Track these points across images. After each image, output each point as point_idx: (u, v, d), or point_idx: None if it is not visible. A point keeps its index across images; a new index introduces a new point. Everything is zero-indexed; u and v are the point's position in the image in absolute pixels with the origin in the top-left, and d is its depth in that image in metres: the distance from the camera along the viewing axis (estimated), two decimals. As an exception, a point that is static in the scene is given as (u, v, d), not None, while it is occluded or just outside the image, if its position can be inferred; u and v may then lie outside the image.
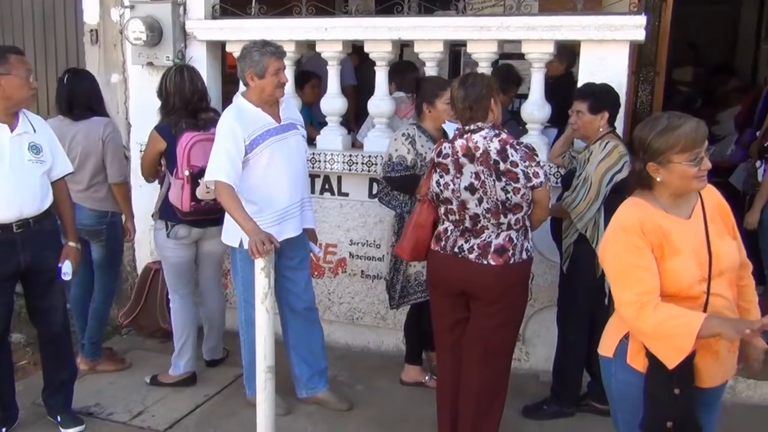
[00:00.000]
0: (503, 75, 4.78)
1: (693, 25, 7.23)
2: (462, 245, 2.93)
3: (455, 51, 5.74)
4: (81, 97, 3.76)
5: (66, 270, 3.25)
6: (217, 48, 4.51)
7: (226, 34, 4.30)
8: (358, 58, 5.23)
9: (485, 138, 2.84)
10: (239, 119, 3.17)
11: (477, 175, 2.83)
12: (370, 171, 4.06)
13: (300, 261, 3.49)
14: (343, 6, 4.21)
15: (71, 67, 4.32)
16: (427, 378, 3.84)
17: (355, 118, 5.26)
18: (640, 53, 5.77)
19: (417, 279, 3.54)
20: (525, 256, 2.95)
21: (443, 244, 2.99)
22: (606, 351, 2.24)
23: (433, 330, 3.24)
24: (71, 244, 3.31)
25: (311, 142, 4.25)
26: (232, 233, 3.28)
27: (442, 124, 3.50)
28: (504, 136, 2.86)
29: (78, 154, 3.70)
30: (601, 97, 3.32)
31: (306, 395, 3.63)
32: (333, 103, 4.21)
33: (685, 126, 2.03)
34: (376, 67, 4.11)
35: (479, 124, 2.87)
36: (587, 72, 3.64)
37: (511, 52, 4.29)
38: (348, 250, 4.27)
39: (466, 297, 3.00)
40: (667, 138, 2.03)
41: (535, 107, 3.83)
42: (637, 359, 2.12)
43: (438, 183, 2.96)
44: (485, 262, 2.88)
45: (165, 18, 4.27)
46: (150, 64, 4.40)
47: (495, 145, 2.82)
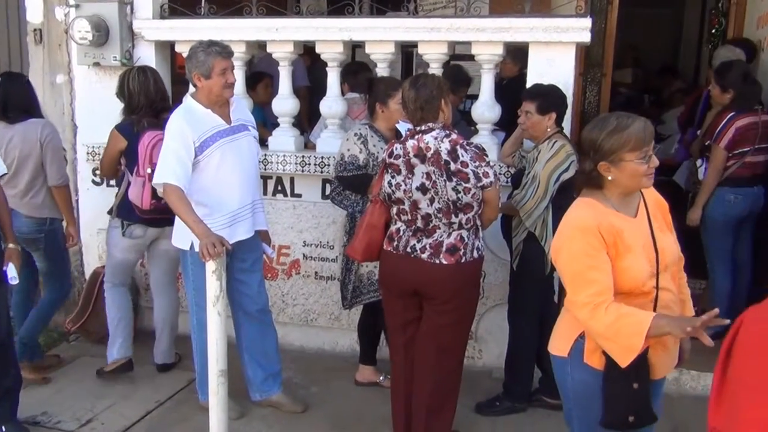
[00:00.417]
0: (452, 75, 4.83)
1: (638, 27, 7.41)
2: (414, 245, 2.95)
3: (408, 52, 5.77)
4: (16, 100, 3.70)
5: (12, 274, 3.17)
6: (166, 48, 4.44)
7: (174, 34, 4.24)
8: (309, 58, 5.22)
9: (436, 138, 2.86)
10: (188, 121, 3.13)
11: (428, 175, 2.86)
12: (323, 172, 4.06)
13: (252, 263, 3.46)
14: (295, 6, 4.19)
15: (5, 70, 4.24)
16: (381, 378, 3.85)
17: (308, 119, 5.25)
18: (588, 55, 5.89)
19: (369, 279, 3.55)
20: (476, 255, 2.98)
21: (396, 244, 3.01)
22: (559, 351, 2.26)
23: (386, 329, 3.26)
24: (11, 246, 3.23)
25: (263, 143, 4.22)
26: (182, 236, 3.24)
27: (396, 125, 3.52)
28: (454, 136, 2.89)
29: (15, 158, 3.62)
30: (549, 97, 3.39)
31: (260, 398, 3.60)
32: (285, 104, 4.19)
33: (635, 125, 2.08)
34: (327, 68, 4.11)
35: (430, 125, 2.90)
36: (535, 73, 3.71)
37: (462, 53, 4.34)
38: (301, 252, 4.26)
39: (419, 296, 3.03)
40: (618, 137, 2.08)
41: (485, 108, 3.88)
42: (594, 357, 2.15)
43: (390, 183, 2.97)
44: (437, 262, 2.91)
45: (111, 17, 4.19)
46: (96, 65, 4.32)
47: (446, 146, 2.84)
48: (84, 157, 4.44)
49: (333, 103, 4.09)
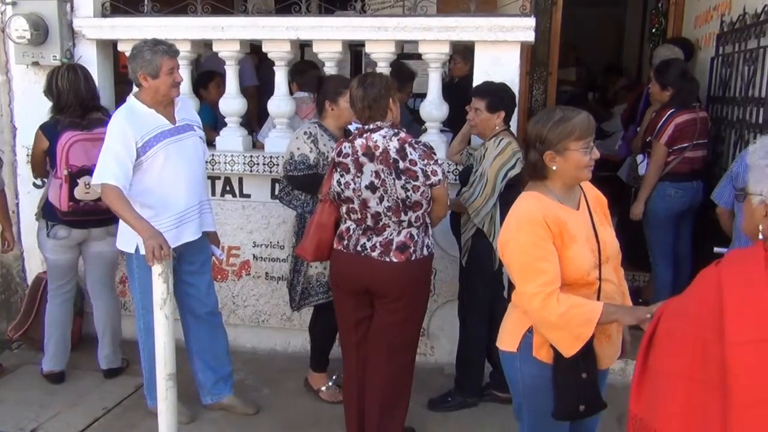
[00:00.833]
0: (395, 72, 4.85)
1: (582, 27, 7.57)
2: (364, 243, 2.95)
3: (357, 51, 5.77)
4: None
5: None
6: (109, 47, 4.34)
7: (116, 32, 4.14)
8: (257, 57, 5.17)
9: (384, 137, 2.87)
10: (130, 121, 3.07)
11: (377, 173, 2.87)
12: (271, 172, 4.03)
13: (201, 265, 3.42)
14: (241, 5, 4.13)
15: None
16: (323, 388, 3.76)
17: (257, 119, 5.20)
18: (534, 54, 6.01)
19: (318, 280, 3.53)
20: (426, 253, 3.01)
21: (346, 243, 3.01)
22: (508, 346, 2.28)
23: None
24: None
25: (210, 143, 4.17)
26: (126, 238, 3.17)
27: (349, 125, 3.51)
28: (403, 135, 2.91)
29: None
30: (499, 96, 3.44)
31: (211, 401, 3.56)
32: (232, 103, 4.15)
33: (579, 116, 2.17)
34: (275, 67, 4.08)
35: (378, 124, 2.91)
36: (482, 72, 3.75)
37: (410, 53, 4.36)
38: (251, 252, 4.22)
39: (370, 295, 3.03)
40: (564, 127, 2.15)
41: (433, 106, 3.91)
42: (542, 351, 2.18)
43: (339, 182, 2.97)
44: (387, 260, 2.92)
45: (51, 15, 4.07)
46: (36, 64, 4.19)
47: (394, 144, 2.86)
48: (24, 159, 4.31)
49: (281, 102, 4.06)
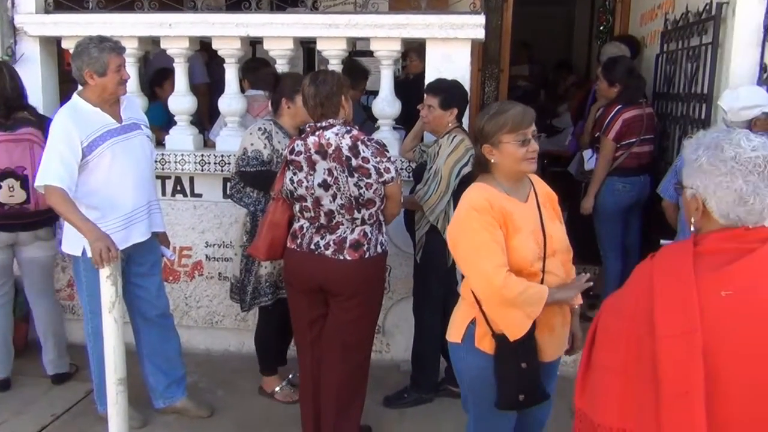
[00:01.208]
0: (349, 70, 4.84)
1: (532, 24, 7.67)
2: (318, 242, 2.94)
3: (310, 48, 5.73)
4: None
5: None
6: (52, 44, 4.22)
7: (60, 29, 4.02)
8: (207, 54, 5.09)
9: (337, 135, 2.86)
10: (75, 120, 2.99)
11: (330, 171, 2.85)
12: (223, 171, 3.97)
13: (151, 266, 3.35)
14: (190, 1, 4.06)
15: None
16: (277, 389, 3.74)
17: (209, 117, 5.12)
18: (485, 51, 6.06)
19: (268, 280, 3.49)
20: (380, 250, 3.01)
21: (299, 241, 2.99)
22: (454, 337, 2.34)
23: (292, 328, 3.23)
24: None
25: (160, 142, 4.10)
26: (72, 241, 3.08)
27: (306, 126, 3.47)
28: (355, 132, 2.90)
29: None
30: (451, 93, 3.45)
31: (164, 405, 3.49)
32: (182, 101, 4.08)
33: (513, 110, 2.23)
34: (225, 65, 4.02)
35: (331, 121, 2.89)
36: (433, 69, 3.77)
37: (363, 50, 4.36)
38: (204, 253, 4.16)
39: (324, 293, 3.02)
40: (497, 120, 2.21)
41: (385, 103, 3.91)
42: (484, 342, 2.23)
43: (291, 180, 2.95)
44: (341, 258, 2.91)
45: (-10, 11, 3.94)
46: (-26, 62, 4.04)
47: (347, 142, 2.85)
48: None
49: (232, 100, 4.01)
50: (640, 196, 4.28)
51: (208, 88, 5.30)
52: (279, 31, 3.83)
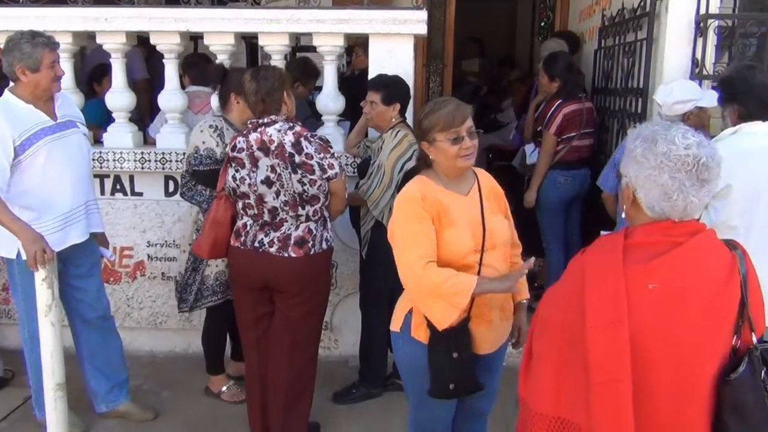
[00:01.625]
0: (301, 67, 4.81)
1: (476, 20, 7.75)
2: (262, 239, 2.92)
3: (253, 43, 5.67)
4: None
5: None
6: (-19, 39, 4.05)
7: (-10, 23, 3.87)
8: (146, 49, 4.98)
9: (279, 131, 2.84)
10: (7, 118, 2.88)
11: (273, 168, 2.83)
12: (164, 169, 3.90)
13: (89, 268, 3.26)
14: (129, -6, 3.96)
15: None
16: (224, 389, 3.70)
17: (151, 114, 5.01)
18: (430, 47, 6.11)
19: (218, 279, 3.43)
20: (325, 246, 3.00)
21: (243, 239, 2.95)
22: (394, 326, 2.39)
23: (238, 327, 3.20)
24: None
25: (98, 140, 4.00)
26: (5, 243, 2.96)
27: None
28: (298, 128, 2.88)
29: None
30: (393, 88, 3.46)
31: (106, 409, 3.41)
32: (120, 98, 3.97)
33: (445, 108, 2.24)
34: (165, 60, 3.94)
35: (273, 117, 2.87)
36: (376, 64, 3.77)
37: (307, 45, 4.33)
38: (146, 253, 4.07)
39: (270, 291, 3.00)
40: (430, 119, 2.24)
41: (329, 99, 3.90)
42: (420, 331, 2.27)
43: (234, 178, 2.91)
44: (286, 255, 2.89)
45: None
46: None
47: (289, 138, 2.82)
48: None
49: (172, 96, 3.92)
50: (580, 189, 4.38)
51: (148, 83, 5.18)
52: (219, 26, 3.77)
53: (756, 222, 2.59)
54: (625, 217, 1.71)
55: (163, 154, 3.89)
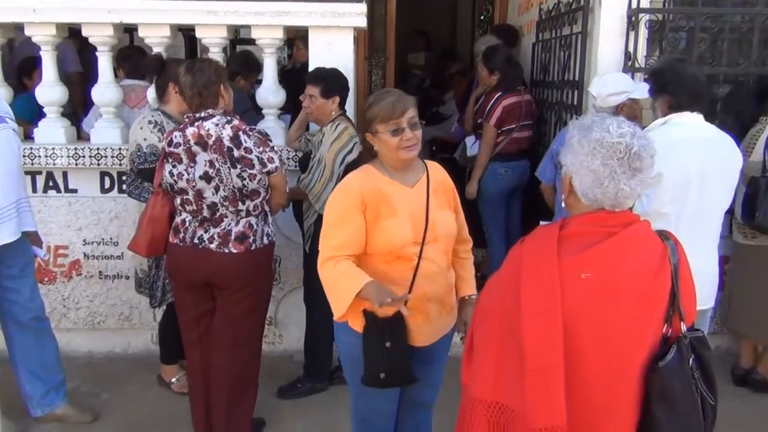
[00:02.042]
0: (242, 61, 4.75)
1: (418, 13, 7.78)
2: (202, 235, 2.87)
3: (192, 36, 5.55)
4: None
5: None
6: None
7: None
8: (79, 42, 4.82)
9: (217, 125, 2.79)
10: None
11: (211, 163, 2.78)
12: (99, 164, 3.79)
13: (22, 268, 3.14)
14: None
15: None
16: (174, 380, 3.68)
17: (85, 108, 4.86)
18: (371, 40, 6.10)
19: None
20: (266, 241, 2.97)
21: (182, 235, 2.90)
22: (335, 317, 2.36)
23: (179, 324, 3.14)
24: None
25: (28, 136, 3.86)
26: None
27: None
28: (236, 122, 2.84)
29: None
30: (332, 81, 3.44)
31: (42, 413, 3.31)
32: (51, 92, 3.84)
33: (386, 100, 2.25)
34: (98, 53, 3.82)
35: (210, 111, 2.82)
36: (316, 57, 3.75)
37: (247, 38, 4.26)
38: (82, 251, 3.95)
39: (211, 288, 2.96)
40: (372, 110, 2.25)
41: (269, 92, 3.86)
42: (356, 321, 2.28)
43: (171, 173, 2.85)
44: (227, 251, 2.85)
45: None
46: None
47: (227, 132, 2.78)
48: None
49: (106, 90, 3.81)
50: (520, 180, 4.46)
51: (82, 77, 5.03)
52: (154, 18, 3.68)
53: (686, 210, 2.67)
54: (565, 206, 1.75)
55: (97, 149, 3.78)
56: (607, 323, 1.57)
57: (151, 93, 3.59)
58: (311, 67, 3.67)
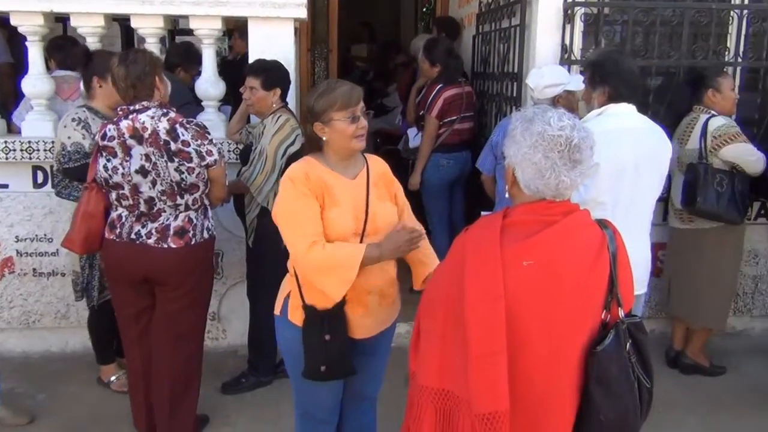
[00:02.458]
0: (182, 52, 4.66)
1: (361, 5, 7.75)
2: (139, 231, 2.81)
3: (129, 26, 5.41)
4: None
5: None
6: None
7: None
8: (8, 31, 4.65)
9: (152, 118, 2.73)
10: None
11: (147, 156, 2.73)
12: (31, 158, 3.67)
13: (-51, 267, 3.04)
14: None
15: None
16: (113, 378, 3.60)
17: (15, 99, 4.69)
18: (314, 31, 6.06)
19: None
20: (207, 236, 2.93)
21: (118, 231, 2.84)
22: (276, 310, 2.41)
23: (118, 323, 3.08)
24: None
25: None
26: None
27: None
28: (173, 115, 2.78)
29: None
30: (273, 73, 3.41)
31: (-25, 416, 3.20)
32: (-22, 83, 3.69)
33: (342, 88, 2.25)
34: (27, 43, 3.68)
35: (144, 104, 2.76)
36: (257, 49, 3.70)
37: (187, 28, 4.17)
38: (14, 248, 3.82)
39: (150, 284, 2.91)
40: (327, 98, 2.22)
41: (208, 84, 3.79)
42: (296, 315, 2.29)
43: (105, 167, 2.78)
44: (165, 246, 2.81)
45: None
46: None
47: (164, 125, 2.73)
48: None
49: (37, 81, 3.68)
50: (462, 171, 4.51)
51: (12, 67, 4.85)
52: (86, 7, 3.57)
53: (621, 198, 2.74)
54: (508, 196, 1.78)
55: (29, 142, 3.65)
56: (548, 309, 1.61)
57: (83, 85, 3.48)
58: (251, 59, 3.63)
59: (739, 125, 3.67)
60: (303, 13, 3.68)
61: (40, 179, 3.77)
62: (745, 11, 3.98)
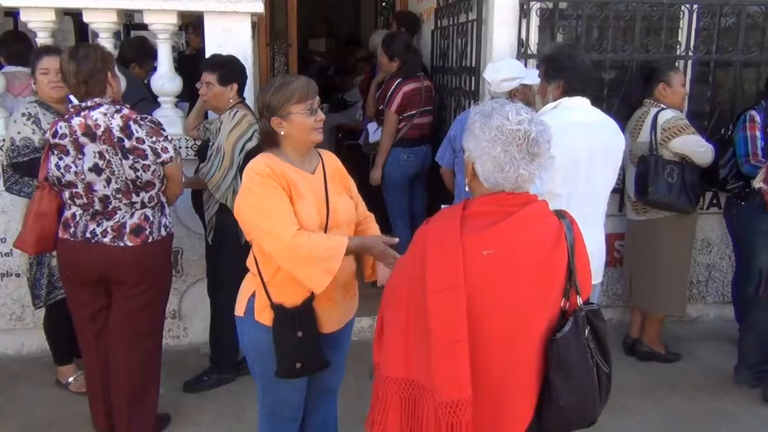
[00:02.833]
0: (137, 47, 4.58)
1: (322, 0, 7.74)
2: (94, 229, 2.77)
3: (83, 21, 5.31)
4: None
5: None
6: None
7: None
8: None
9: (105, 114, 2.69)
10: None
11: (101, 154, 2.68)
12: (-17, 157, 3.58)
13: None
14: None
15: None
16: (71, 379, 3.55)
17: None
18: (273, 26, 6.02)
19: None
20: (164, 233, 2.91)
21: (73, 230, 2.79)
22: (238, 311, 2.36)
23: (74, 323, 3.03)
24: None
25: None
26: None
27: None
28: (126, 111, 2.74)
29: None
30: (229, 68, 3.38)
31: (-74, 422, 3.13)
32: (-75, 80, 3.59)
33: (298, 81, 2.24)
34: (-25, 38, 3.60)
35: (97, 100, 2.72)
36: (213, 43, 3.66)
37: (143, 23, 4.11)
38: (-35, 249, 3.74)
39: (106, 283, 2.87)
40: (284, 92, 2.21)
41: (165, 80, 3.74)
42: (263, 314, 2.26)
43: (58, 166, 2.73)
44: (122, 245, 2.77)
45: None
46: None
47: (117, 122, 2.69)
48: None
49: (-14, 78, 3.60)
50: (422, 165, 4.53)
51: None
52: (36, 1, 3.49)
53: (576, 191, 2.79)
54: (468, 189, 1.80)
55: (-21, 141, 3.57)
56: (508, 297, 1.64)
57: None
58: (208, 54, 3.59)
59: (691, 118, 3.77)
60: (260, 7, 3.65)
61: (2, 182, 3.69)
62: (695, 6, 4.07)
